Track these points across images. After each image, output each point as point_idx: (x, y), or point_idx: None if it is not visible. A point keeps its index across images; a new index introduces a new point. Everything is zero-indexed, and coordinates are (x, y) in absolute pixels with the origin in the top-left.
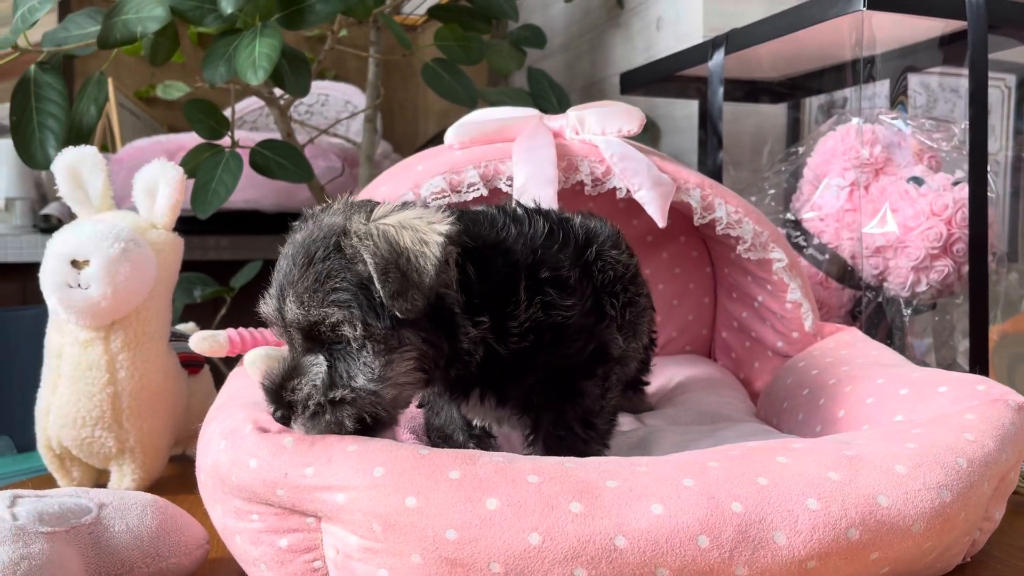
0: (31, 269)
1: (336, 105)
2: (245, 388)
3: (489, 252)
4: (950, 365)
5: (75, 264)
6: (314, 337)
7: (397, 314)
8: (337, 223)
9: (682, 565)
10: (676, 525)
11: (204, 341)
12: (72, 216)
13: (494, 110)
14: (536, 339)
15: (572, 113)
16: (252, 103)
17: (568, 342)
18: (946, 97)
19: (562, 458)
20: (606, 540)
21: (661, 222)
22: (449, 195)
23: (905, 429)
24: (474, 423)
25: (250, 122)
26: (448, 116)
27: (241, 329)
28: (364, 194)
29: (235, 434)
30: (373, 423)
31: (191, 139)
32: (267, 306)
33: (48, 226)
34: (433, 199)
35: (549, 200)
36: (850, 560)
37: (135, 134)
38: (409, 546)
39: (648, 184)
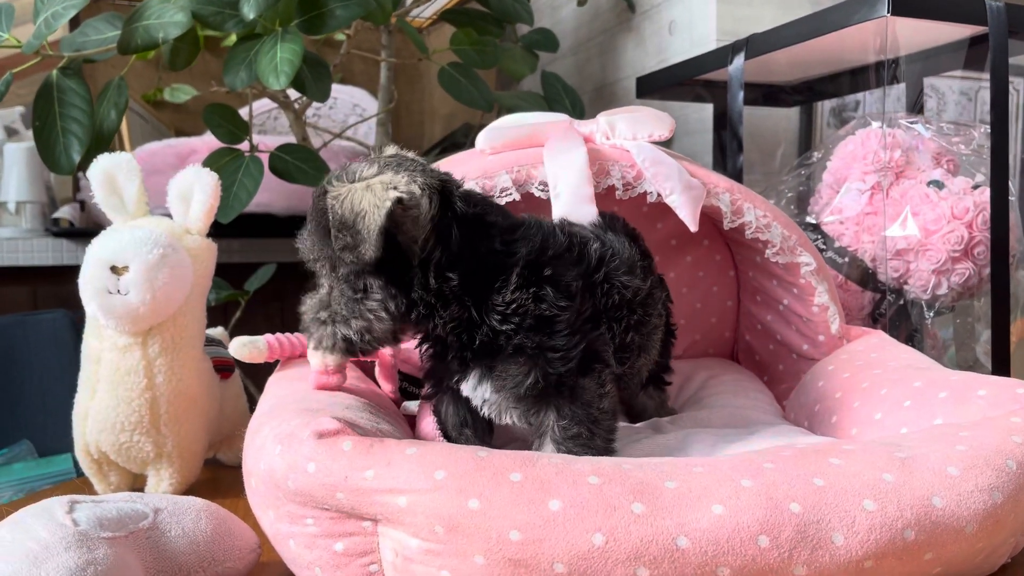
0: (42, 273)
1: (344, 108)
2: (292, 394)
3: (488, 229)
4: (971, 366)
5: (114, 270)
6: (315, 269)
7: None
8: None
9: (742, 565)
10: (736, 525)
11: (244, 347)
12: (83, 219)
13: (525, 115)
14: (521, 322)
15: (602, 119)
16: (261, 106)
17: (554, 334)
18: (956, 100)
19: (618, 459)
20: (668, 540)
21: (693, 226)
22: None
23: (953, 431)
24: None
25: (258, 125)
26: (455, 119)
27: (279, 334)
28: None
29: (292, 439)
30: (346, 344)
31: (202, 143)
32: None
33: (59, 230)
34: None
35: (590, 217)
36: (905, 561)
37: (143, 138)
38: (472, 547)
39: (680, 189)
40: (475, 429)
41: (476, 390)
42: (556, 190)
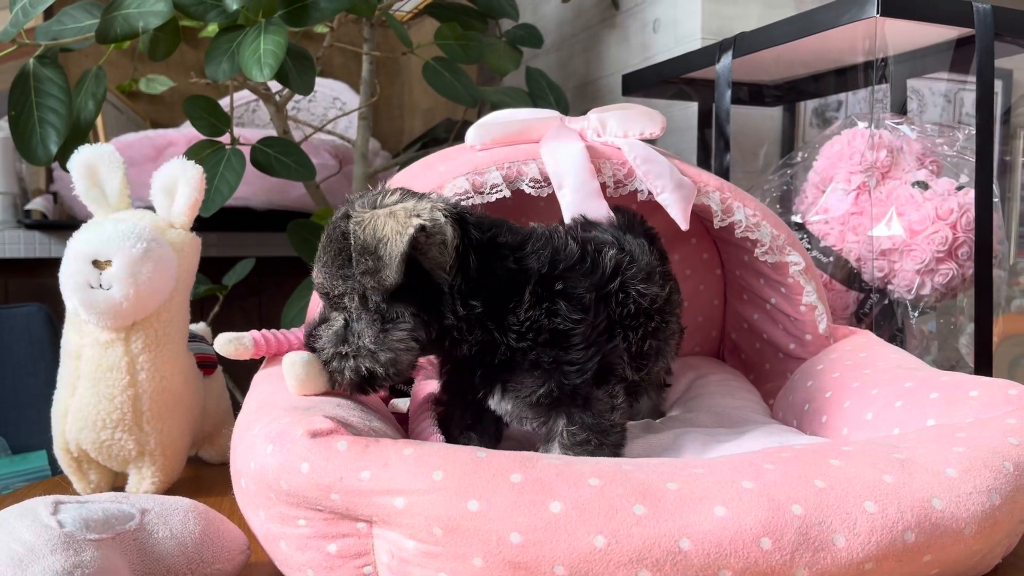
0: (14, 265)
1: (324, 101)
2: (279, 391)
3: (501, 250)
4: (954, 365)
5: (97, 264)
6: (333, 302)
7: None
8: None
9: (744, 567)
10: (739, 527)
11: (230, 344)
12: (56, 211)
13: (515, 111)
14: (536, 338)
15: (593, 116)
16: (239, 98)
17: (570, 348)
18: (935, 102)
19: (618, 459)
20: (671, 542)
21: (684, 224)
22: (472, 196)
23: (949, 433)
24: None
25: (236, 117)
26: (435, 114)
27: (265, 331)
28: None
29: (284, 438)
30: (370, 377)
31: (180, 134)
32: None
33: (32, 222)
34: (456, 200)
35: (602, 212)
36: (904, 563)
37: (118, 129)
38: (471, 549)
39: (671, 187)
40: (481, 434)
41: (500, 404)
42: (560, 187)
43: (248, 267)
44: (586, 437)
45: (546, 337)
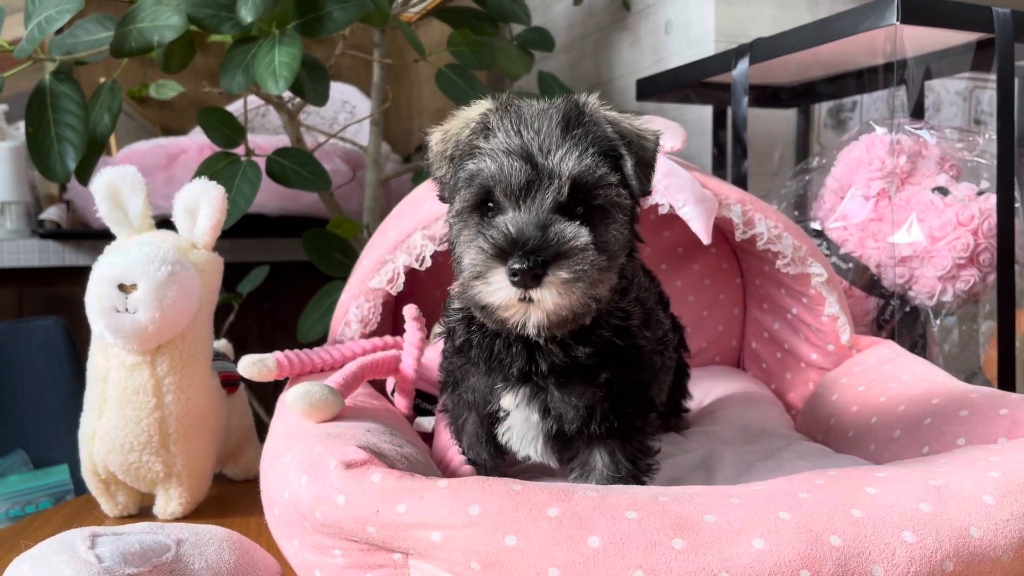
0: (28, 274)
1: (334, 104)
2: None
3: None
4: (975, 372)
5: (122, 288)
6: (576, 195)
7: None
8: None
9: None
10: (778, 560)
11: (253, 366)
12: (69, 220)
13: None
14: (612, 347)
15: None
16: (249, 102)
17: (641, 367)
18: (951, 99)
19: (654, 489)
20: None
21: (706, 239)
22: None
23: (983, 456)
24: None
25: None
26: (444, 115)
27: (288, 351)
28: (378, 237)
29: (317, 468)
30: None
31: (192, 142)
32: (505, 164)
33: (45, 231)
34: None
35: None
36: None
37: (129, 136)
38: None
39: (693, 200)
40: (490, 449)
41: (524, 408)
42: None
43: (262, 275)
44: (623, 476)
45: (628, 352)
